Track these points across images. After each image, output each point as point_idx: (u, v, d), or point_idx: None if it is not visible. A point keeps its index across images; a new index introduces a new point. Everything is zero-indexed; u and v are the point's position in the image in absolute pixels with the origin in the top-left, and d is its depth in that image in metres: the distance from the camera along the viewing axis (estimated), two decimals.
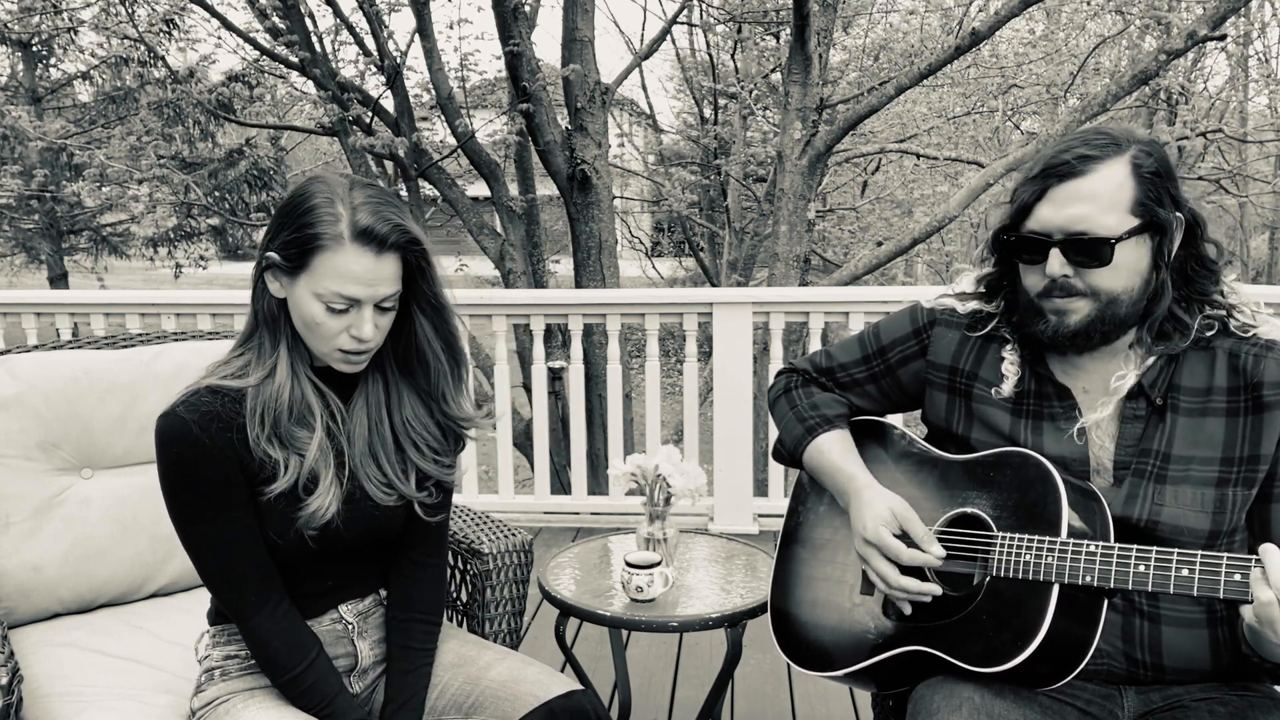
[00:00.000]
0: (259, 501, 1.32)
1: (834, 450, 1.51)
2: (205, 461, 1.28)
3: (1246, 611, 1.13)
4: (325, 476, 1.34)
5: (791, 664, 1.50)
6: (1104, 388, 1.34)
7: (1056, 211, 1.26)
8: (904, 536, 1.37)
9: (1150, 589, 1.17)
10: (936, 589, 1.33)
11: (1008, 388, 1.39)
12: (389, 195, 1.34)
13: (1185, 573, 1.15)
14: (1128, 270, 1.26)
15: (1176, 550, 1.16)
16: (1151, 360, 1.31)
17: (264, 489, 1.31)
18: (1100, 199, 1.24)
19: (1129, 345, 1.33)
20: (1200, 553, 1.15)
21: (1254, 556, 1.12)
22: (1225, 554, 1.14)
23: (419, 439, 1.44)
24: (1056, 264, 1.27)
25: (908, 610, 1.37)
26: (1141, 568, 1.18)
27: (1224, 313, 1.31)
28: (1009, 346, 1.40)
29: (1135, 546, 1.19)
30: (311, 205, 1.27)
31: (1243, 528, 1.31)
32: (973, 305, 1.45)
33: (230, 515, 1.31)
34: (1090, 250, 1.25)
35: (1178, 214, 1.28)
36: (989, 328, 1.43)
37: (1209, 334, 1.31)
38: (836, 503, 1.52)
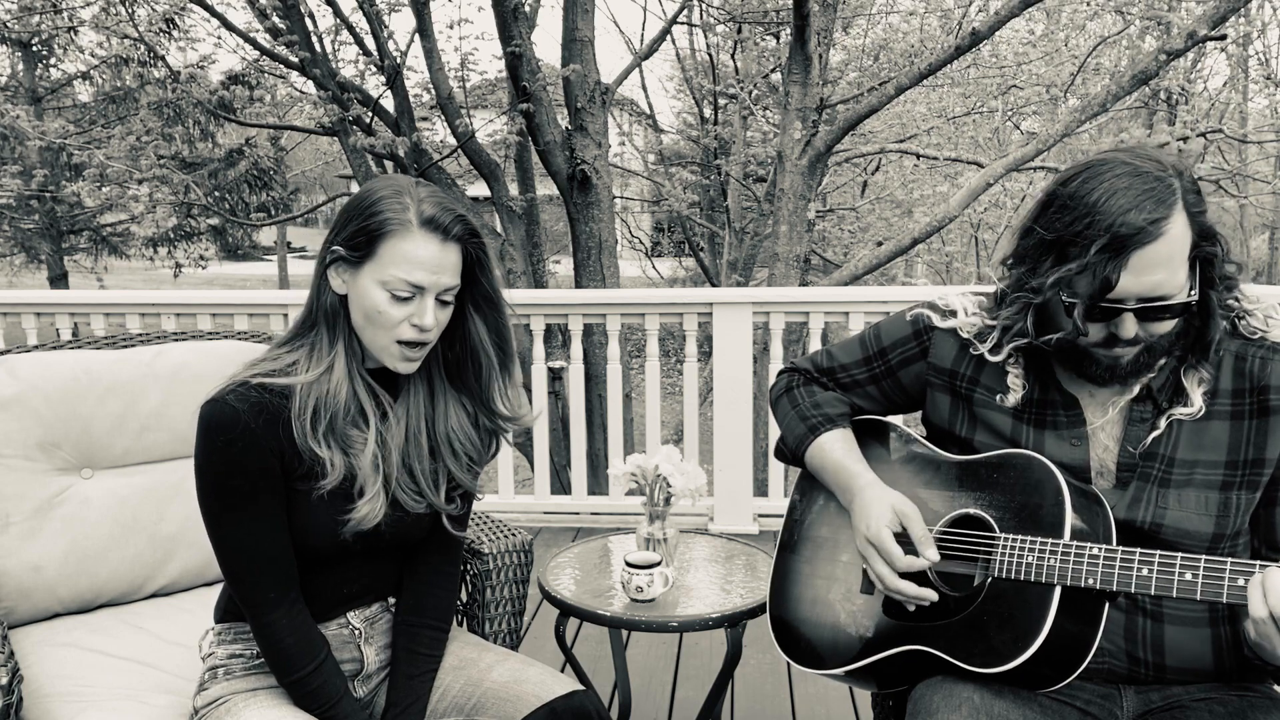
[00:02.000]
0: (303, 501, 1.33)
1: (836, 449, 1.51)
2: (251, 451, 1.29)
3: (1248, 622, 1.12)
4: (374, 481, 1.35)
5: (791, 662, 1.50)
6: (1110, 393, 1.33)
7: (1135, 280, 1.18)
8: (904, 536, 1.37)
9: (1153, 592, 1.17)
10: (933, 595, 1.33)
11: (1013, 399, 1.37)
12: (448, 195, 1.38)
13: (1189, 577, 1.15)
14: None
15: (1180, 554, 1.16)
16: (1160, 365, 1.30)
17: (307, 487, 1.32)
18: (1173, 261, 1.18)
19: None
20: (1204, 557, 1.15)
21: (1258, 562, 1.12)
22: (1229, 559, 1.13)
23: (459, 447, 1.45)
24: (1131, 328, 1.22)
25: (911, 608, 1.37)
26: (1145, 571, 1.17)
27: (1235, 317, 1.30)
28: (1011, 360, 1.38)
29: (1139, 550, 1.19)
30: (379, 197, 1.31)
31: (1246, 531, 1.31)
32: (978, 329, 1.42)
33: (264, 508, 1.32)
34: (1167, 312, 1.21)
35: (1216, 245, 1.24)
36: (987, 346, 1.39)
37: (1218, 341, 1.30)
38: (837, 501, 1.52)
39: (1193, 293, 1.22)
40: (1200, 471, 1.28)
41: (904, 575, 1.35)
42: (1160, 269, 1.18)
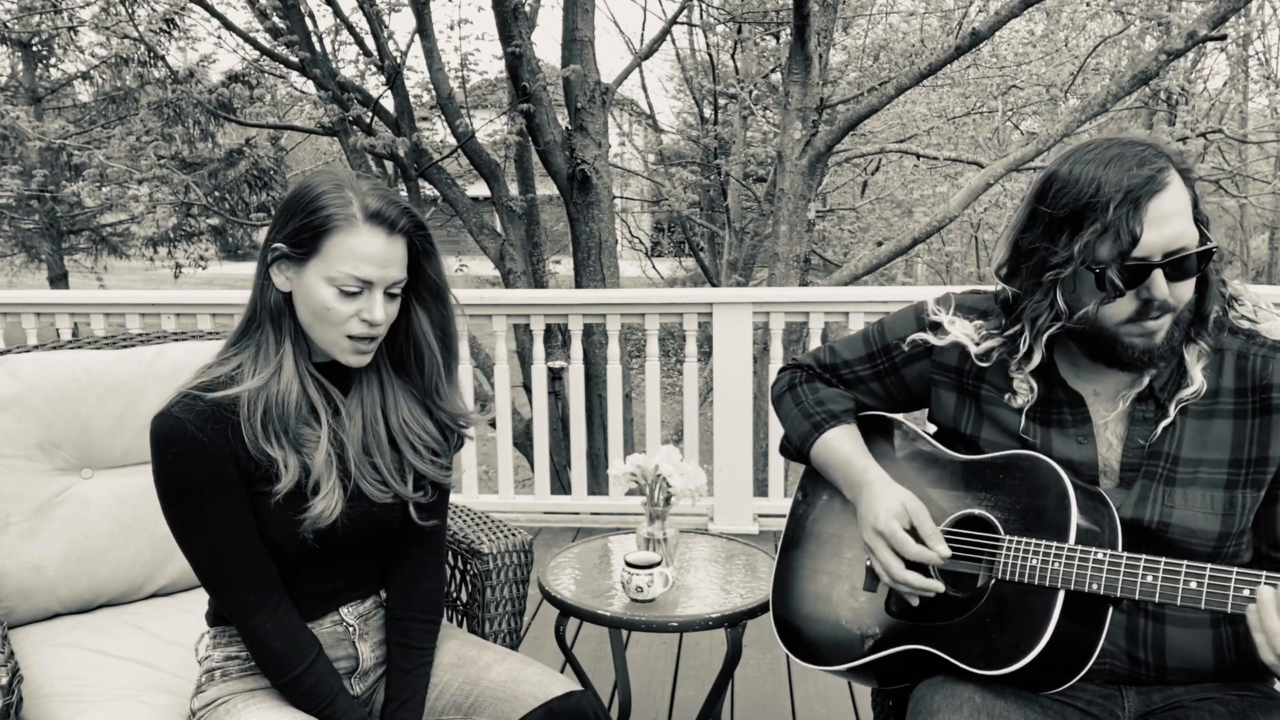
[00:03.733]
0: (263, 504, 1.32)
1: (844, 445, 1.50)
2: (203, 462, 1.28)
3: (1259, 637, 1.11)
4: (329, 478, 1.34)
5: (792, 657, 1.50)
6: (1114, 390, 1.33)
7: (1157, 233, 1.18)
8: (912, 532, 1.36)
9: (1157, 600, 1.17)
10: (939, 585, 1.33)
11: (1020, 402, 1.36)
12: (389, 188, 1.37)
13: (1194, 585, 1.14)
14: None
15: (1185, 562, 1.16)
16: (1162, 362, 1.30)
17: (267, 489, 1.31)
18: (1183, 211, 1.20)
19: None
20: (1209, 565, 1.14)
21: (1264, 573, 1.11)
22: (1234, 569, 1.13)
23: (415, 439, 1.44)
24: (1163, 287, 1.20)
25: (914, 602, 1.36)
26: (1149, 578, 1.17)
27: (1225, 304, 1.30)
28: (1014, 365, 1.37)
29: (1144, 556, 1.19)
30: (320, 192, 1.30)
31: (1250, 528, 1.31)
32: (985, 347, 1.40)
33: (228, 516, 1.31)
34: (1192, 265, 1.21)
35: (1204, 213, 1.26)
36: (993, 359, 1.39)
37: (1217, 337, 1.29)
38: (842, 498, 1.51)
39: (1209, 243, 1.22)
40: (1205, 470, 1.27)
41: (909, 567, 1.34)
42: (1176, 218, 1.19)
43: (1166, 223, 1.19)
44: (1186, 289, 1.23)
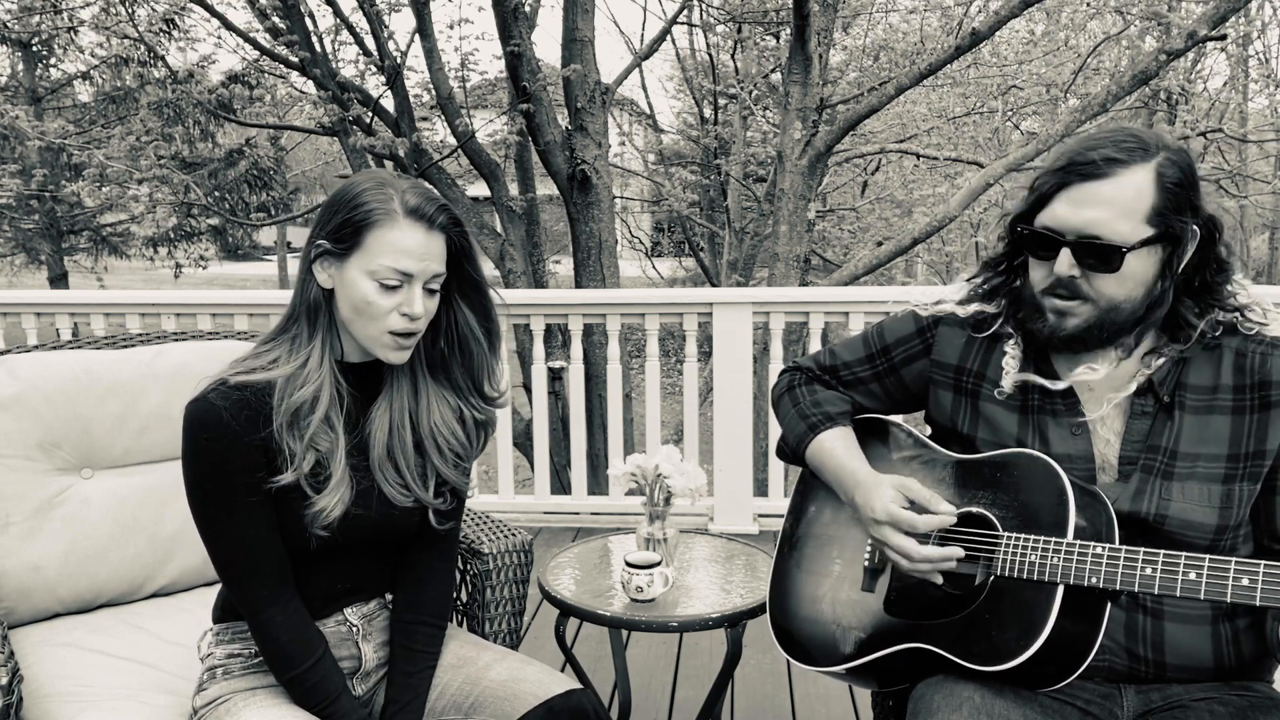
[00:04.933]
0: (282, 494, 1.33)
1: (836, 447, 1.51)
2: (234, 449, 1.29)
3: None
4: (336, 474, 1.35)
5: (791, 660, 1.50)
6: (1108, 385, 1.34)
7: (1073, 212, 1.24)
8: (912, 507, 1.37)
9: (1157, 592, 1.17)
10: (959, 552, 1.33)
11: (1009, 383, 1.38)
12: (429, 188, 1.40)
13: (1193, 576, 1.15)
14: (1134, 280, 1.25)
15: (1184, 553, 1.16)
16: (1160, 360, 1.31)
17: (275, 479, 1.32)
18: (1117, 204, 1.22)
19: (1135, 344, 1.33)
20: (1208, 556, 1.15)
21: (1262, 562, 1.12)
22: (1233, 558, 1.14)
23: (444, 443, 1.46)
24: (1065, 264, 1.26)
25: (938, 579, 1.36)
26: (1148, 570, 1.18)
27: (1235, 314, 1.31)
28: (1011, 341, 1.40)
29: (1142, 549, 1.19)
30: (362, 189, 1.33)
31: (1248, 522, 1.31)
32: (974, 307, 1.44)
33: (252, 505, 1.32)
34: (1101, 256, 1.24)
35: (1195, 225, 1.26)
36: (994, 328, 1.42)
37: (1216, 333, 1.30)
38: (839, 499, 1.52)
39: (1138, 250, 1.23)
40: (1202, 465, 1.28)
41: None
42: (1100, 207, 1.23)
43: (1088, 205, 1.23)
44: (1104, 283, 1.26)
